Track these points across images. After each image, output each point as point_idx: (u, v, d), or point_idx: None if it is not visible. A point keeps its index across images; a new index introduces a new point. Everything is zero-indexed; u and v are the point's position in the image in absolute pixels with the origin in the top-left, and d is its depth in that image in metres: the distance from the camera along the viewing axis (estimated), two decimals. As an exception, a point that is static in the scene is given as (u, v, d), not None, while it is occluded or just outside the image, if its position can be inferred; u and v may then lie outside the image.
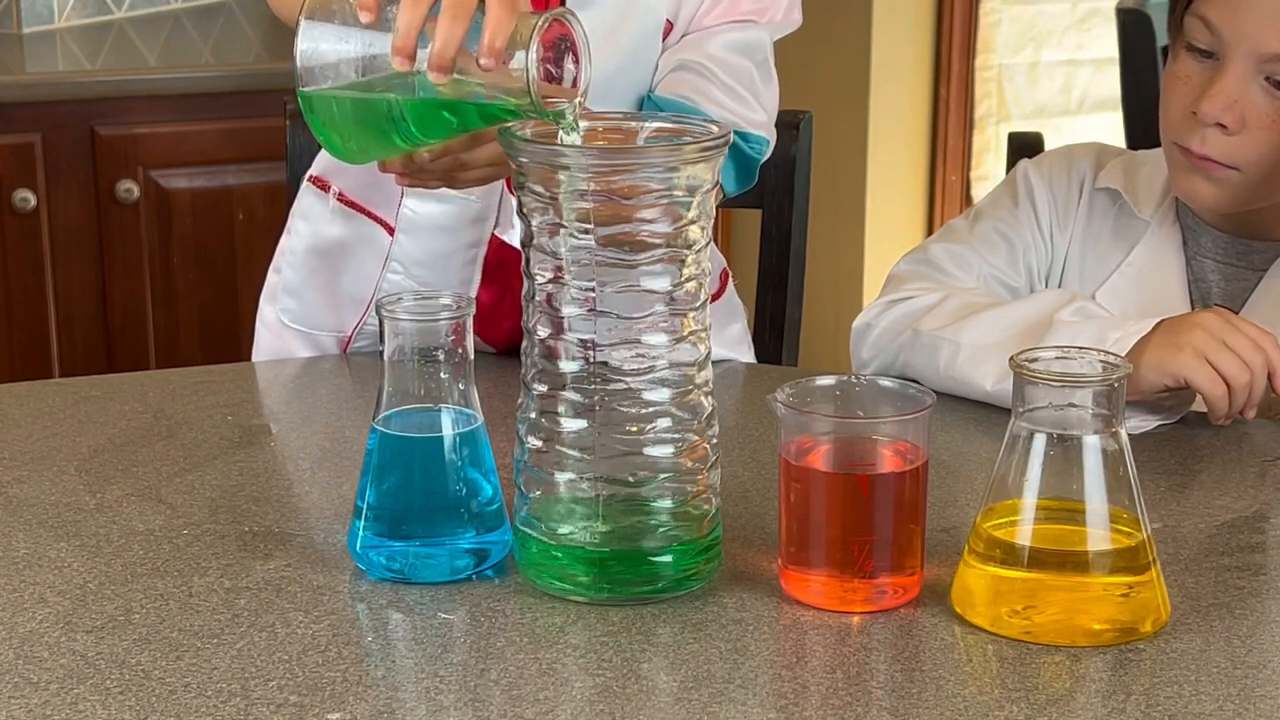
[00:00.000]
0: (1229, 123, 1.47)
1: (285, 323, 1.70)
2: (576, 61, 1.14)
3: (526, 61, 1.10)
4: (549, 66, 1.13)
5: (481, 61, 1.11)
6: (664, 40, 1.60)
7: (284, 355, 1.70)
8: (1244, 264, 1.56)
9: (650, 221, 1.07)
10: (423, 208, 1.60)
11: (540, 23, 1.11)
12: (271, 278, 1.73)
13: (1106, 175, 1.62)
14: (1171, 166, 1.54)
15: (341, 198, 1.65)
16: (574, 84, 1.14)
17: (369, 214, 1.64)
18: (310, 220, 1.68)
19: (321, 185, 1.67)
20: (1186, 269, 1.58)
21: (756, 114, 1.60)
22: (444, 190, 1.57)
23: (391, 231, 1.62)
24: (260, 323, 1.74)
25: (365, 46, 1.15)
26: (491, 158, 1.30)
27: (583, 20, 1.15)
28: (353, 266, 1.66)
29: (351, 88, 1.17)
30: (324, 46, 1.16)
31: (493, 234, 1.61)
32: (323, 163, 1.69)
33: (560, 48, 1.14)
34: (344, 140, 1.20)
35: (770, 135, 1.62)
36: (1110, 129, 3.45)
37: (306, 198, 1.70)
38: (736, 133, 1.57)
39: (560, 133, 1.12)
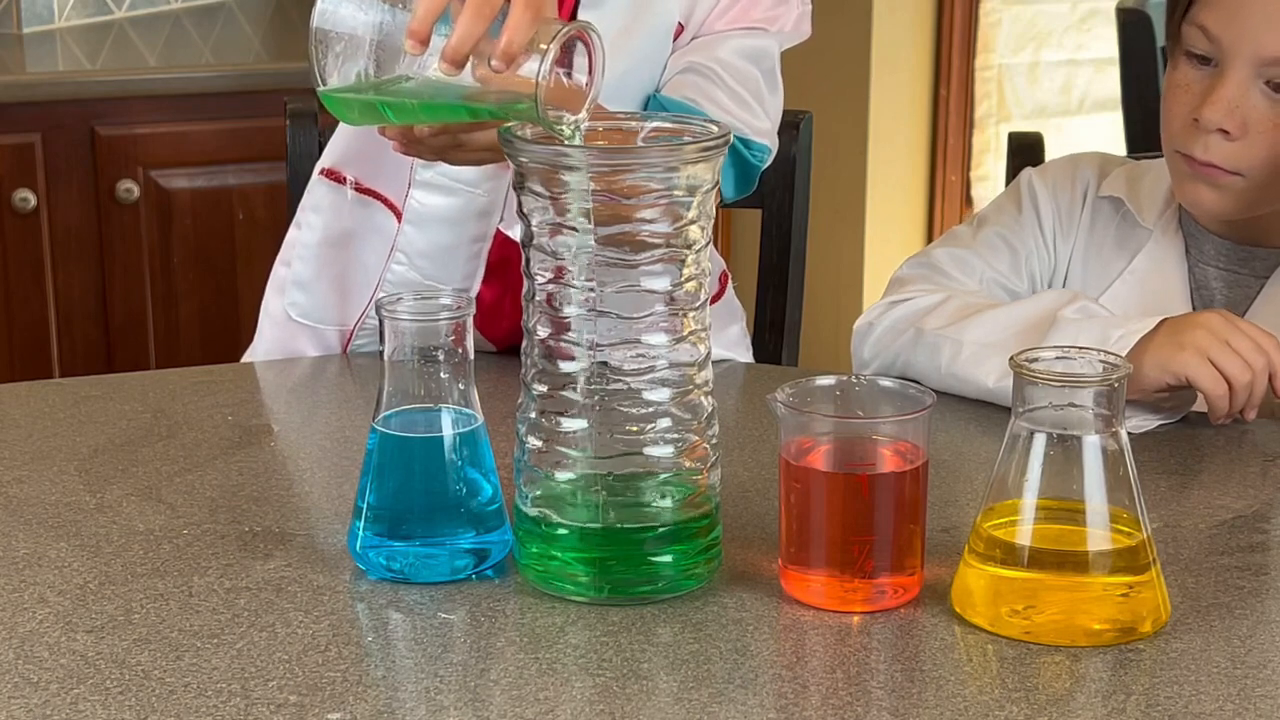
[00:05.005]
0: (1231, 128, 1.47)
1: (291, 316, 1.70)
2: (590, 72, 1.13)
3: (538, 72, 1.09)
4: (559, 69, 1.13)
5: (493, 63, 1.11)
6: (674, 42, 1.60)
7: (287, 348, 1.70)
8: (1246, 271, 1.56)
9: (650, 221, 1.07)
10: (429, 200, 1.60)
11: (559, 32, 1.10)
12: (280, 270, 1.73)
13: (1109, 184, 1.62)
14: (1175, 175, 1.54)
15: (357, 186, 1.65)
16: (584, 87, 1.14)
17: (383, 199, 1.64)
18: (322, 212, 1.68)
19: (336, 177, 1.67)
20: (1189, 276, 1.58)
21: (760, 121, 1.60)
22: (450, 180, 1.57)
23: (400, 219, 1.62)
24: (264, 314, 1.74)
25: (382, 16, 1.15)
26: (488, 143, 1.30)
27: (595, 20, 1.14)
28: (362, 256, 1.66)
29: (355, 89, 1.17)
30: (342, 10, 1.16)
31: (498, 229, 1.61)
32: (334, 155, 1.69)
33: (573, 52, 1.13)
34: (347, 107, 1.20)
35: (773, 143, 1.62)
36: (1110, 129, 3.45)
37: (318, 190, 1.69)
38: (739, 138, 1.57)
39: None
